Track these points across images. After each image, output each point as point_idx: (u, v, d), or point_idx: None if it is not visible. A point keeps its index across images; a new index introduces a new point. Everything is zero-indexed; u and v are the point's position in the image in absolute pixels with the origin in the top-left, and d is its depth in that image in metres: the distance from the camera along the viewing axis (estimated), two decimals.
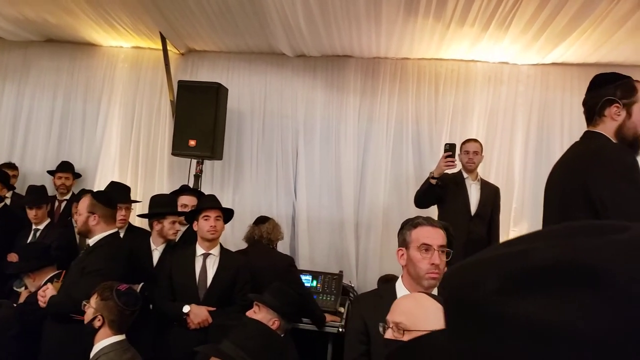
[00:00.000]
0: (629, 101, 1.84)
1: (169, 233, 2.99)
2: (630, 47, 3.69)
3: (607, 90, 1.89)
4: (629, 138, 1.86)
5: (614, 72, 1.95)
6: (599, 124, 1.91)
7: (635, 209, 1.71)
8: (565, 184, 1.95)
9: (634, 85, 1.86)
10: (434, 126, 4.37)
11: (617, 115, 1.86)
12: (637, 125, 1.85)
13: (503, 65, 4.29)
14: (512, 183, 4.19)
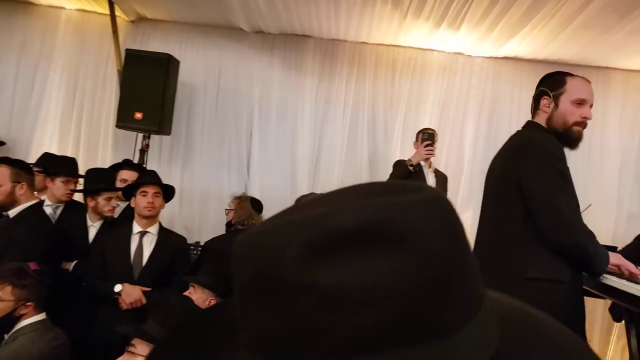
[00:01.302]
0: (557, 92, 1.94)
1: (104, 210, 2.86)
2: (577, 45, 3.80)
3: (542, 84, 2.02)
4: (560, 128, 1.95)
5: (557, 71, 2.05)
6: (536, 116, 2.02)
7: (559, 197, 1.80)
8: (502, 172, 2.04)
9: (563, 79, 1.96)
10: (389, 112, 4.40)
11: (547, 107, 1.97)
12: (565, 115, 1.94)
13: (458, 56, 4.33)
14: (460, 172, 4.28)
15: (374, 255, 0.36)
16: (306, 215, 0.39)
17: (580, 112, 1.93)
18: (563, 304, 1.81)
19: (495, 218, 2.03)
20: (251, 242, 0.40)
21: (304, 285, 0.36)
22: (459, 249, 0.41)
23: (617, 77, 4.28)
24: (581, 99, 1.93)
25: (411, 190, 0.41)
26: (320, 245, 0.37)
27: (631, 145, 4.28)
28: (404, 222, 0.37)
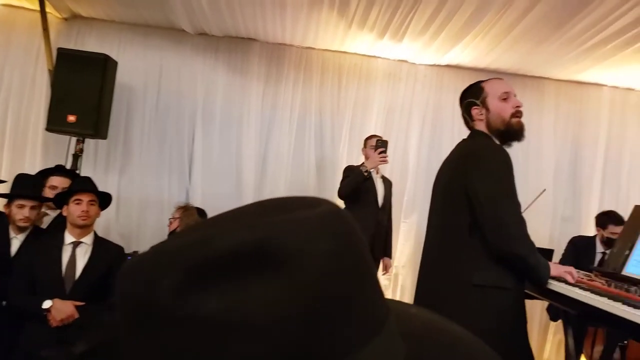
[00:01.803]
0: (482, 98, 1.99)
1: (16, 219, 2.61)
2: (515, 55, 3.96)
3: (464, 96, 2.08)
4: (501, 127, 1.98)
5: (471, 84, 2.11)
6: (476, 126, 2.04)
7: (504, 207, 1.83)
8: (449, 180, 2.04)
9: (479, 85, 2.03)
10: (336, 117, 4.40)
11: (480, 114, 2.00)
12: (499, 113, 1.97)
13: (402, 64, 4.41)
14: (405, 177, 4.35)
15: (252, 282, 0.34)
16: (186, 240, 0.37)
17: (511, 104, 1.98)
18: (507, 309, 1.86)
19: (443, 226, 2.04)
20: (132, 269, 0.38)
21: (182, 316, 0.34)
22: (352, 268, 0.39)
23: (550, 87, 4.50)
24: (505, 92, 1.98)
25: (305, 206, 0.39)
26: (197, 273, 0.34)
27: (564, 151, 4.51)
28: (286, 244, 0.35)
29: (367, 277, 0.40)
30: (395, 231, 4.26)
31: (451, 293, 1.89)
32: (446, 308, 1.91)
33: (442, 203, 2.07)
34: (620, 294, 1.85)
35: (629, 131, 4.56)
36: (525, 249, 1.82)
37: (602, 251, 3.61)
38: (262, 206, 0.42)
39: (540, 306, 4.11)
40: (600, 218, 3.74)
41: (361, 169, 3.47)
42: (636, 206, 2.40)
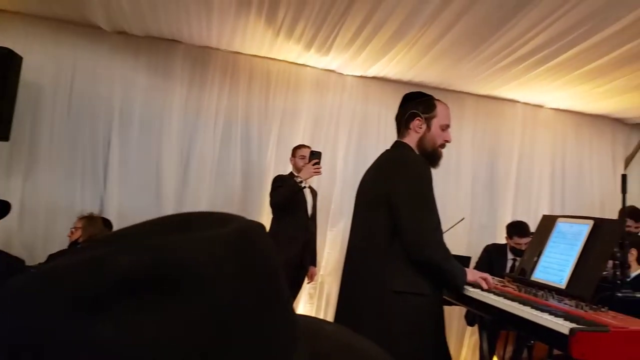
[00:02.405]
0: (429, 116, 2.06)
1: None
2: (437, 70, 4.12)
3: (412, 105, 2.08)
4: (429, 149, 2.07)
5: (420, 91, 2.17)
6: (406, 136, 2.09)
7: (422, 216, 1.90)
8: (372, 189, 2.08)
9: (434, 103, 2.09)
10: (263, 126, 4.32)
11: (420, 128, 2.06)
12: (435, 138, 2.07)
13: (330, 74, 4.44)
14: (332, 186, 4.36)
15: (146, 307, 0.31)
16: (76, 260, 0.33)
17: (444, 136, 2.10)
18: (425, 314, 1.92)
19: (365, 234, 2.07)
20: (16, 293, 0.34)
21: (69, 345, 0.31)
22: (258, 292, 0.37)
23: (470, 102, 4.73)
24: (447, 125, 2.10)
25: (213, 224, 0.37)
26: (88, 298, 0.31)
27: (481, 163, 4.75)
28: (184, 266, 0.33)
29: (274, 301, 0.38)
30: (321, 240, 4.26)
31: (372, 299, 1.92)
32: (367, 314, 1.93)
33: (365, 211, 2.11)
34: (529, 298, 1.94)
35: (538, 145, 4.90)
36: (439, 255, 1.89)
37: (512, 258, 3.82)
38: (167, 222, 0.40)
39: (458, 312, 4.26)
40: (507, 229, 3.95)
41: (296, 180, 3.48)
42: (544, 216, 2.54)
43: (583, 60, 3.58)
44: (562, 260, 2.12)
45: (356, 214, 2.18)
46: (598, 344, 1.49)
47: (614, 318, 1.67)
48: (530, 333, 1.81)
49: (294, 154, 3.77)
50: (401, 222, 1.88)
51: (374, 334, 1.89)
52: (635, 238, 3.31)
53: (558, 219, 2.31)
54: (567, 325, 1.51)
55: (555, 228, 2.27)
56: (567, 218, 2.28)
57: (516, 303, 1.81)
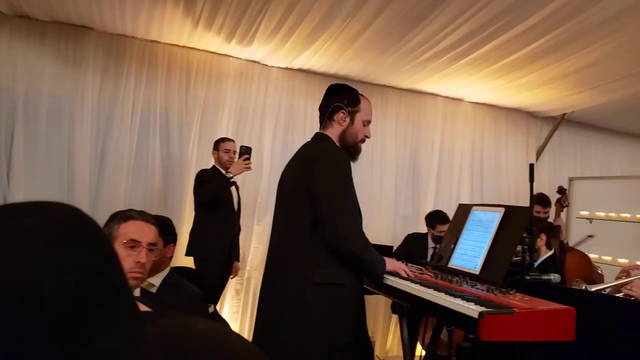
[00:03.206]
0: (354, 110, 2.07)
1: None
2: (361, 63, 4.16)
3: (337, 97, 2.08)
4: (350, 143, 2.08)
5: (345, 84, 2.17)
6: (328, 127, 2.09)
7: (342, 208, 1.90)
8: (294, 180, 2.07)
9: (358, 98, 2.10)
10: (184, 117, 4.15)
11: (343, 120, 2.06)
12: (357, 132, 2.08)
13: (254, 65, 4.34)
14: (258, 180, 4.28)
15: None
16: None
17: (365, 131, 2.12)
18: (346, 304, 1.93)
19: (286, 226, 2.05)
20: None
21: None
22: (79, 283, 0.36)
23: (393, 95, 4.83)
24: (369, 121, 2.13)
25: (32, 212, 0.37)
26: None
27: (404, 156, 4.87)
28: None
29: (100, 293, 0.37)
30: (247, 234, 4.18)
31: (293, 291, 1.92)
32: (288, 306, 1.91)
33: (287, 202, 2.08)
34: (444, 284, 1.99)
35: (458, 137, 5.10)
36: (359, 245, 1.90)
37: (433, 246, 3.96)
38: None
39: (385, 301, 4.35)
40: (428, 219, 4.07)
41: (227, 176, 3.41)
42: (460, 204, 2.63)
43: (498, 55, 3.75)
44: (476, 247, 2.20)
45: (278, 207, 2.16)
46: (504, 325, 1.55)
47: (521, 300, 1.74)
48: (445, 318, 1.86)
49: (217, 148, 3.66)
50: (321, 214, 1.88)
51: (296, 326, 1.88)
52: (544, 224, 3.51)
53: (473, 207, 2.39)
54: (477, 309, 1.55)
55: (470, 216, 2.35)
56: (481, 206, 2.37)
57: (432, 290, 1.84)
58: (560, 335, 1.61)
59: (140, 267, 1.52)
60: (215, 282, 3.50)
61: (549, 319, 1.61)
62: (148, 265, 1.57)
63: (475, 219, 2.32)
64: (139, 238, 1.54)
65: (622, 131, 5.72)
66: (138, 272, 1.52)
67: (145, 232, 1.57)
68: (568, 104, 4.88)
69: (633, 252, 4.16)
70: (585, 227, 4.90)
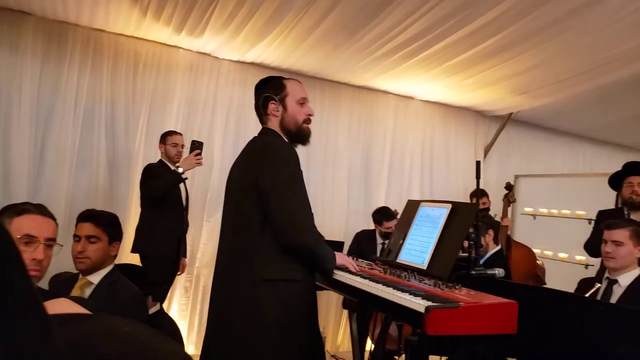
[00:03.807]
0: (281, 96, 2.02)
1: None
2: (314, 58, 4.13)
3: (264, 90, 2.06)
4: (293, 129, 2.03)
5: (269, 76, 2.14)
6: (268, 121, 2.06)
7: (292, 202, 1.88)
8: (242, 176, 2.02)
9: (282, 82, 2.05)
10: (131, 109, 4.00)
11: (276, 110, 2.03)
12: (295, 115, 2.03)
13: (205, 57, 4.23)
14: (208, 175, 4.18)
15: None
16: None
17: (305, 110, 2.05)
18: (297, 301, 1.91)
19: (236, 222, 2.00)
20: None
21: None
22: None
23: (346, 92, 4.84)
24: (303, 98, 2.05)
25: None
26: None
27: (357, 152, 4.90)
28: None
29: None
30: (197, 231, 4.08)
31: (244, 289, 1.88)
32: (239, 304, 1.86)
33: (236, 199, 2.04)
34: (393, 279, 2.00)
35: (409, 135, 5.18)
36: (311, 240, 1.88)
37: (381, 242, 4.01)
38: None
39: (336, 297, 4.37)
40: (374, 216, 4.12)
41: (177, 171, 3.31)
42: (409, 200, 2.66)
43: (448, 54, 3.82)
44: (424, 242, 2.22)
45: (227, 203, 2.12)
46: (450, 320, 1.57)
47: (467, 294, 1.77)
48: (394, 313, 1.87)
49: (164, 141, 3.54)
50: (271, 209, 1.85)
51: (247, 325, 1.84)
52: (491, 220, 3.62)
53: (421, 203, 2.41)
54: (424, 304, 1.57)
55: (419, 212, 2.37)
56: (430, 202, 2.40)
57: (380, 285, 1.85)
58: (503, 328, 1.64)
59: (37, 264, 1.43)
60: (163, 280, 3.40)
61: (493, 312, 1.65)
62: (46, 263, 1.48)
63: (423, 214, 2.34)
64: (35, 233, 1.45)
65: (564, 131, 5.99)
66: (34, 269, 1.42)
67: (43, 227, 1.48)
68: (514, 104, 5.06)
69: (572, 247, 4.37)
70: (529, 223, 5.10)
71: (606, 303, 2.26)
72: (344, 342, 4.65)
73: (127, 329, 0.49)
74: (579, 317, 1.80)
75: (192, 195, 3.79)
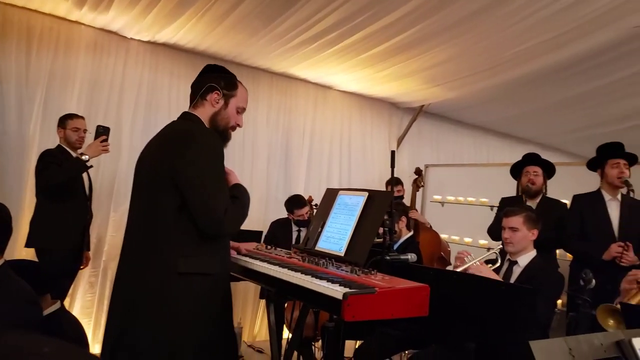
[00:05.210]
0: (230, 94, 1.97)
1: None
2: (231, 42, 4.01)
3: (213, 77, 1.98)
4: (220, 127, 1.98)
5: (224, 67, 2.07)
6: (199, 107, 1.96)
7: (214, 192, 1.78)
8: (156, 161, 1.89)
9: (236, 82, 2.02)
10: (24, 90, 3.62)
11: (217, 102, 1.96)
12: (229, 117, 1.99)
13: (111, 35, 3.93)
14: (116, 163, 3.92)
15: None
16: None
17: (238, 119, 2.02)
18: (212, 295, 1.84)
19: (147, 212, 1.87)
20: None
21: None
22: None
23: (264, 79, 4.76)
24: (243, 108, 2.04)
25: None
26: None
27: (276, 140, 4.85)
28: None
29: None
30: (104, 222, 3.83)
31: (154, 282, 1.76)
32: (148, 299, 1.74)
33: (147, 186, 1.90)
34: (311, 267, 1.99)
35: (328, 125, 5.22)
36: (233, 230, 1.84)
37: (297, 230, 4.02)
38: None
39: (254, 287, 4.32)
40: (286, 205, 4.13)
41: (82, 158, 3.05)
42: (328, 189, 2.67)
43: (364, 46, 3.89)
44: (342, 230, 2.24)
45: (136, 191, 1.97)
46: (366, 305, 1.59)
47: (382, 280, 1.81)
48: (312, 301, 1.86)
49: (63, 125, 3.24)
50: (194, 199, 1.75)
51: (157, 321, 1.72)
52: (404, 207, 3.76)
53: (339, 191, 2.43)
54: (341, 291, 1.57)
55: (337, 200, 2.39)
56: (347, 191, 2.42)
57: (299, 273, 1.83)
58: (416, 311, 1.70)
59: None
60: (64, 275, 3.14)
61: (407, 296, 1.69)
62: None
63: (341, 203, 2.37)
64: None
65: (470, 123, 6.38)
66: None
67: None
68: (425, 97, 5.29)
69: (476, 232, 4.67)
70: (438, 210, 5.38)
71: (507, 283, 2.43)
72: (261, 332, 4.61)
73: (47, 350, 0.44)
74: (484, 297, 1.91)
75: (97, 184, 3.53)
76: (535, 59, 3.92)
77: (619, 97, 4.68)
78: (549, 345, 0.89)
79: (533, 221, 2.67)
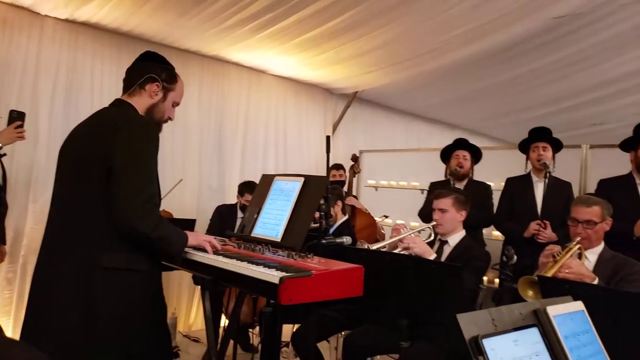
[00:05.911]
0: (169, 87, 1.94)
1: None
2: (158, 23, 3.83)
3: (153, 67, 1.92)
4: (156, 119, 1.95)
5: (163, 57, 2.01)
6: (135, 96, 1.90)
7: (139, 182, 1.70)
8: (83, 152, 1.78)
9: (176, 76, 1.99)
10: None
11: (155, 94, 1.91)
12: (165, 110, 1.97)
13: (22, 12, 3.61)
14: (33, 151, 3.65)
15: None
16: None
17: (172, 112, 2.03)
18: (142, 291, 1.76)
19: (72, 202, 1.76)
20: None
21: None
22: None
23: (195, 61, 4.60)
24: (178, 103, 2.04)
25: None
26: None
27: (209, 124, 4.72)
28: None
29: None
30: (22, 214, 3.57)
31: (78, 278, 1.66)
32: (71, 296, 1.64)
33: (73, 173, 1.79)
34: (247, 254, 1.98)
35: (262, 109, 5.16)
36: (145, 226, 1.69)
37: (242, 216, 3.96)
38: None
39: (188, 276, 4.22)
40: (239, 187, 4.08)
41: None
42: (263, 175, 2.64)
43: (298, 30, 3.86)
44: (278, 215, 2.24)
45: (60, 180, 1.85)
46: (303, 288, 1.60)
47: (318, 263, 1.83)
48: (249, 287, 1.84)
49: None
50: (114, 189, 1.66)
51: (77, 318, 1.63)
52: (339, 191, 3.81)
53: (275, 177, 2.42)
54: (278, 275, 1.57)
55: (273, 186, 2.38)
56: (283, 176, 2.42)
57: (234, 260, 1.81)
58: (351, 291, 1.74)
59: None
60: None
61: (342, 278, 1.73)
62: None
63: (277, 188, 2.36)
64: None
65: (401, 110, 6.55)
66: None
67: None
68: (359, 83, 5.36)
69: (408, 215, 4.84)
70: (372, 194, 5.52)
71: (437, 262, 2.54)
72: (197, 321, 4.53)
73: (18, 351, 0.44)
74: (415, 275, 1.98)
75: (13, 174, 3.28)
76: (460, 48, 4.08)
77: (540, 84, 4.99)
78: (474, 316, 0.95)
79: (462, 203, 2.81)
